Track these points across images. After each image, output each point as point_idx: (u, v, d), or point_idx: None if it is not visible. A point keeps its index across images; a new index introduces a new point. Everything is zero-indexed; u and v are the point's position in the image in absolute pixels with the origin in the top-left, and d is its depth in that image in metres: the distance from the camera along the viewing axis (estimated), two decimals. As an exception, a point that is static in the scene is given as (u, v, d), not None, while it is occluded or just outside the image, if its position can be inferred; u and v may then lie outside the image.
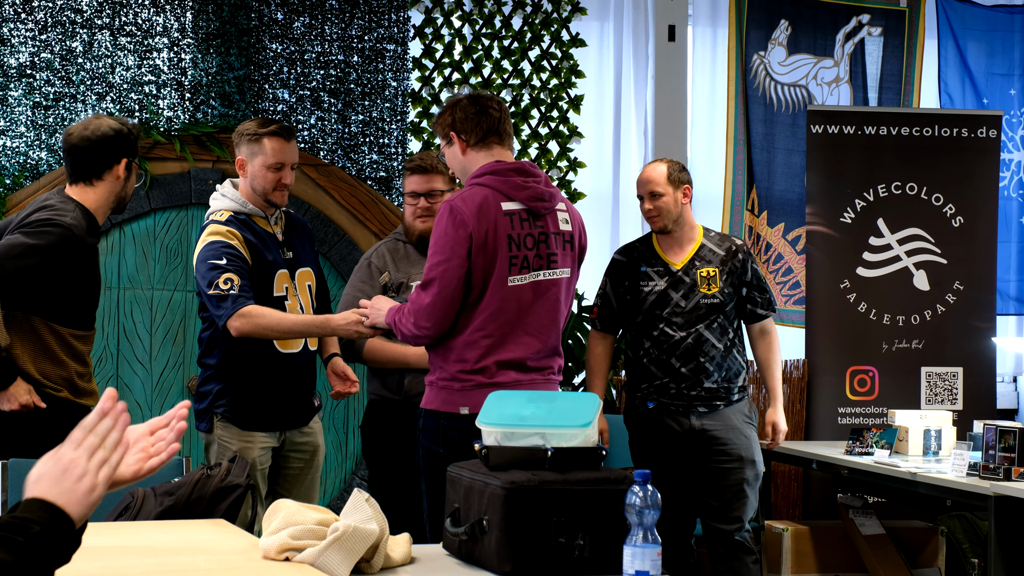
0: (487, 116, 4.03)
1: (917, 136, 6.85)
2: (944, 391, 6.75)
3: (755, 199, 7.30)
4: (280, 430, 4.60)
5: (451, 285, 3.87)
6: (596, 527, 2.82)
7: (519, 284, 3.94)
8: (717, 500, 5.15)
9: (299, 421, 4.65)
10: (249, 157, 4.54)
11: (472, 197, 3.92)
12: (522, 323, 3.95)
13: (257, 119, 4.73)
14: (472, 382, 3.92)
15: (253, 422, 4.52)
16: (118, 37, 6.22)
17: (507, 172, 3.98)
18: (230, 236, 4.43)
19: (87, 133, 4.39)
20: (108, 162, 4.40)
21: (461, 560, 2.98)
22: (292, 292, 4.57)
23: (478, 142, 4.03)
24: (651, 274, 5.17)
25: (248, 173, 4.55)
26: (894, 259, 6.81)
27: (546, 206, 4.01)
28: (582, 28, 7.12)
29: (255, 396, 4.51)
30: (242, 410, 4.51)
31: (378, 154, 6.61)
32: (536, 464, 2.91)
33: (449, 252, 3.87)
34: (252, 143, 4.54)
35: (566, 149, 7.01)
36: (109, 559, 2.80)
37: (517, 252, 3.93)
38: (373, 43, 6.63)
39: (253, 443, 4.51)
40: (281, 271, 4.55)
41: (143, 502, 3.56)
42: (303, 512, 2.82)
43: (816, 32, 7.45)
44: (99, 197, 4.42)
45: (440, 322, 3.89)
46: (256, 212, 4.56)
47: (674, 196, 5.16)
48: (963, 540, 6.31)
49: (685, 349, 5.11)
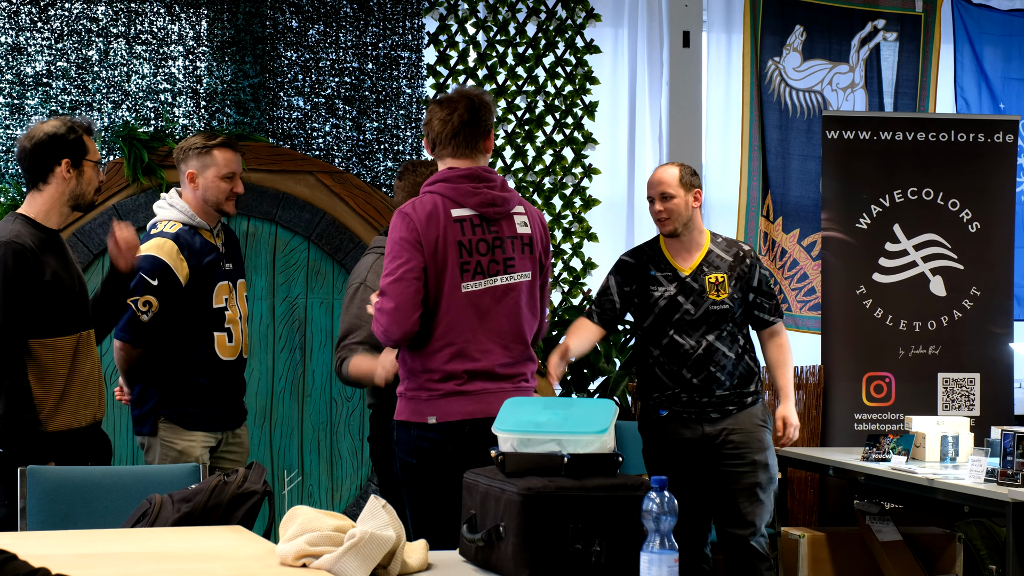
0: (449, 123, 4.01)
1: (933, 141, 6.84)
2: (961, 397, 6.73)
3: (770, 205, 7.29)
4: (220, 430, 4.83)
5: (411, 286, 3.88)
6: (613, 533, 2.81)
7: (474, 290, 3.94)
8: (730, 504, 5.13)
9: (234, 423, 4.90)
10: (200, 170, 4.78)
11: (423, 204, 3.95)
12: (484, 329, 3.95)
13: (201, 133, 4.98)
14: (439, 391, 3.93)
15: (196, 422, 4.74)
16: (134, 45, 6.24)
17: (457, 179, 3.98)
18: (174, 257, 4.67)
19: (25, 140, 4.38)
20: (49, 165, 4.34)
21: (477, 566, 2.98)
22: (232, 303, 4.82)
23: (441, 147, 4.05)
24: (660, 279, 5.17)
25: (200, 186, 4.78)
26: (910, 265, 6.80)
27: (498, 211, 4.01)
28: (596, 34, 7.12)
29: (197, 398, 4.74)
30: (187, 411, 4.72)
31: (393, 161, 6.61)
32: (552, 471, 2.91)
33: (406, 255, 3.90)
34: (203, 156, 4.78)
35: (580, 156, 7.01)
36: (127, 566, 2.80)
37: (469, 258, 3.94)
38: (388, 50, 6.64)
39: (195, 442, 4.74)
40: (222, 283, 4.80)
41: (160, 509, 3.56)
42: (320, 519, 2.83)
43: (831, 37, 7.44)
44: (47, 201, 4.36)
45: (403, 323, 3.88)
46: (202, 225, 4.79)
47: (685, 199, 5.15)
48: (981, 547, 6.29)
49: (696, 360, 5.10)
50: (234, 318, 4.82)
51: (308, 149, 6.49)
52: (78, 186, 4.39)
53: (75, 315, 4.37)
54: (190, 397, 4.73)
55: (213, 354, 4.76)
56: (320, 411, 6.10)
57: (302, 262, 6.12)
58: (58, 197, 4.37)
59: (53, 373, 4.28)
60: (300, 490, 6.07)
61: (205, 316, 4.75)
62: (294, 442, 6.08)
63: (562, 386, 6.70)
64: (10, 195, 5.92)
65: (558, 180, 6.97)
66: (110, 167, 5.84)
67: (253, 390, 6.02)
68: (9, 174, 6.03)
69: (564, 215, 6.99)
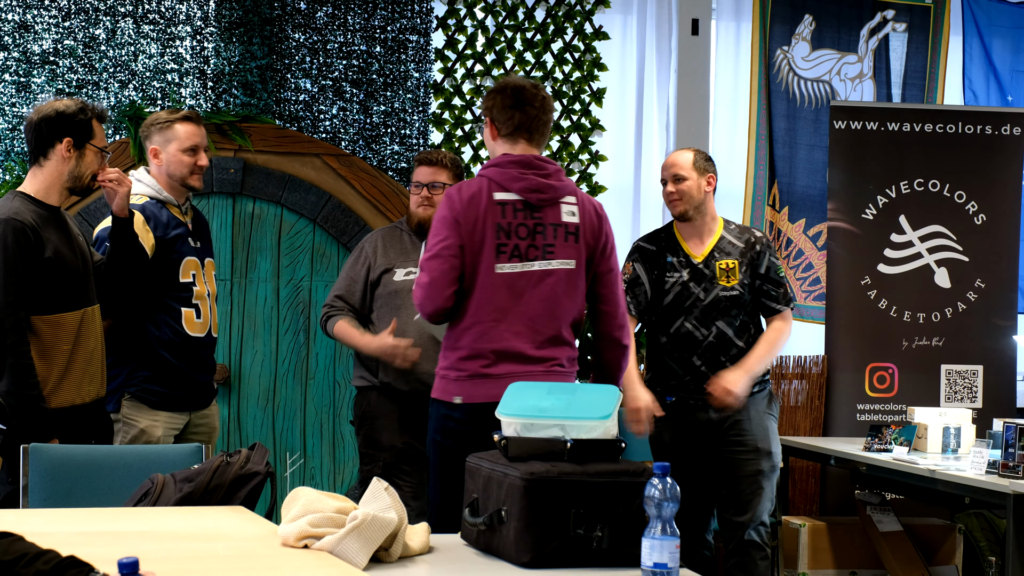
0: (521, 112, 4.11)
1: (940, 133, 6.83)
2: (964, 389, 6.73)
3: (776, 194, 7.28)
4: (186, 411, 4.79)
5: (447, 262, 3.96)
6: (615, 519, 2.82)
7: (508, 272, 3.98)
8: (732, 490, 5.13)
9: (202, 403, 4.86)
10: (163, 145, 4.78)
11: (469, 186, 4.04)
12: (517, 311, 3.98)
13: (165, 110, 4.95)
14: (467, 371, 3.97)
15: (162, 402, 4.71)
16: (141, 25, 6.24)
17: (508, 164, 4.07)
18: (140, 227, 4.62)
19: (34, 114, 4.40)
20: (50, 141, 4.36)
21: (479, 550, 2.98)
22: (200, 279, 4.80)
23: (507, 134, 4.13)
24: (675, 264, 5.17)
25: (163, 161, 4.78)
26: (915, 256, 6.79)
27: (543, 198, 4.05)
28: (605, 21, 7.11)
29: (163, 376, 4.70)
30: (152, 390, 4.69)
31: (400, 145, 6.61)
32: (555, 456, 2.91)
33: (444, 233, 3.99)
34: (164, 130, 4.78)
35: (587, 142, 7.00)
36: (128, 544, 2.81)
37: (507, 240, 3.98)
38: (396, 34, 6.63)
39: (159, 422, 4.70)
40: (189, 258, 4.78)
41: (163, 488, 3.57)
42: (322, 500, 2.83)
43: (840, 27, 7.42)
44: (46, 178, 4.37)
45: (436, 298, 3.96)
46: (169, 200, 4.79)
47: (698, 182, 5.15)
48: (981, 538, 6.29)
49: (707, 347, 5.10)
50: (202, 294, 4.79)
51: (315, 131, 6.48)
52: (76, 168, 4.38)
53: (78, 291, 4.37)
54: (156, 375, 4.69)
55: (181, 330, 4.71)
56: (323, 394, 6.11)
57: (307, 245, 6.12)
58: (56, 176, 4.37)
59: (56, 349, 4.29)
60: (302, 472, 6.08)
61: (171, 290, 4.72)
62: (297, 424, 6.09)
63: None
64: (15, 173, 5.92)
65: (565, 166, 6.97)
66: (116, 146, 5.84)
67: (257, 372, 6.03)
68: (15, 152, 6.03)
69: (570, 201, 6.98)
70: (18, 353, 4.19)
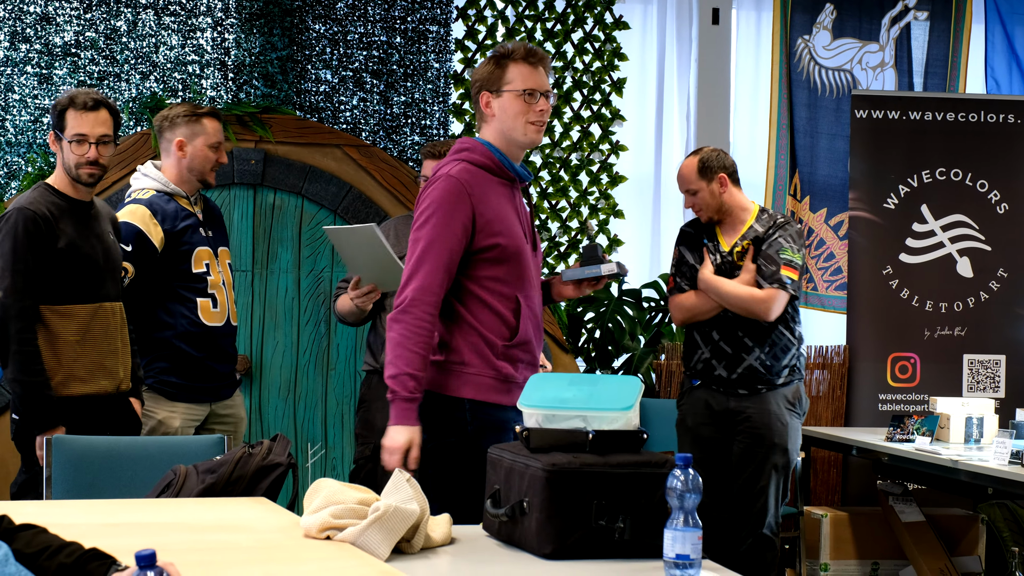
0: None
1: (963, 122, 6.79)
2: (986, 379, 6.71)
3: (798, 184, 7.26)
4: (206, 402, 4.77)
5: None
6: (637, 510, 2.81)
7: None
8: (743, 482, 5.10)
9: (223, 394, 4.83)
10: (189, 138, 4.74)
11: None
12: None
13: (183, 104, 4.88)
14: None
15: (179, 393, 4.70)
16: (162, 16, 6.25)
17: None
18: (147, 222, 4.61)
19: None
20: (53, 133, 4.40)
21: (501, 541, 2.98)
22: (215, 268, 4.76)
23: None
24: (710, 247, 5.16)
25: (188, 154, 4.74)
26: (937, 245, 6.77)
27: None
28: (625, 10, 7.10)
29: (181, 367, 4.69)
30: (169, 381, 4.68)
31: (420, 135, 6.61)
32: (577, 447, 2.91)
33: None
34: (192, 123, 4.74)
35: (608, 132, 6.99)
36: (151, 535, 2.81)
37: None
38: (416, 24, 6.63)
39: (176, 413, 4.69)
40: (202, 248, 4.74)
41: (185, 479, 3.57)
42: (344, 491, 2.83)
43: (862, 16, 7.39)
44: (59, 168, 4.39)
45: None
46: (178, 192, 4.75)
47: (708, 189, 5.10)
48: (1003, 528, 6.27)
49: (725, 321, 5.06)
50: (217, 283, 4.76)
51: (335, 122, 6.49)
52: (66, 159, 4.36)
53: (93, 284, 4.36)
54: (173, 367, 4.68)
55: (198, 320, 4.69)
56: (344, 384, 6.12)
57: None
58: (63, 166, 4.38)
59: (63, 340, 4.28)
60: (324, 463, 6.09)
61: (186, 281, 4.70)
62: (318, 415, 6.10)
63: (586, 363, 6.70)
64: (37, 165, 5.93)
65: (585, 156, 6.96)
66: (137, 138, 5.85)
67: (278, 363, 6.04)
68: (37, 144, 6.05)
69: (591, 191, 6.98)
70: (22, 340, 4.19)
